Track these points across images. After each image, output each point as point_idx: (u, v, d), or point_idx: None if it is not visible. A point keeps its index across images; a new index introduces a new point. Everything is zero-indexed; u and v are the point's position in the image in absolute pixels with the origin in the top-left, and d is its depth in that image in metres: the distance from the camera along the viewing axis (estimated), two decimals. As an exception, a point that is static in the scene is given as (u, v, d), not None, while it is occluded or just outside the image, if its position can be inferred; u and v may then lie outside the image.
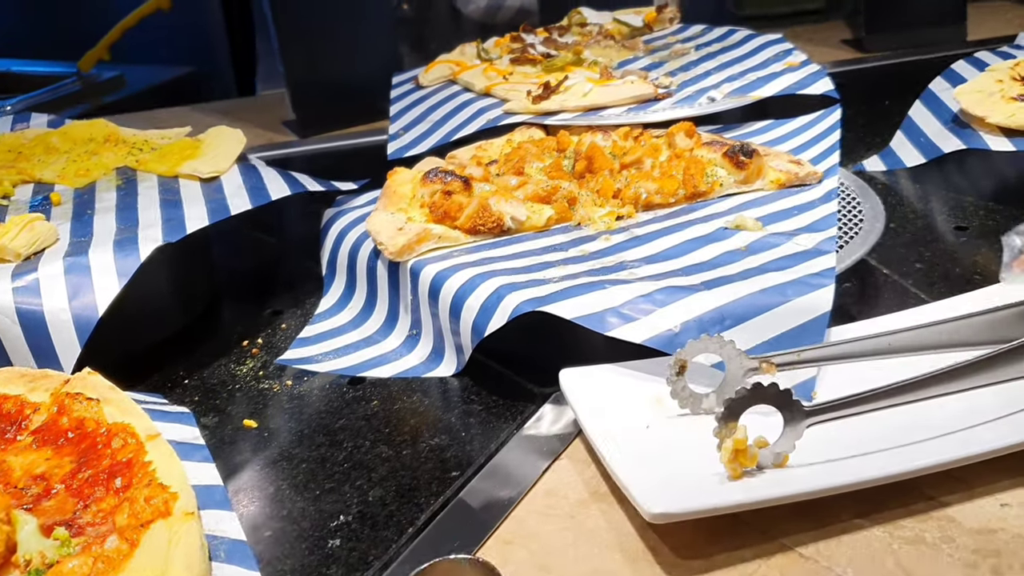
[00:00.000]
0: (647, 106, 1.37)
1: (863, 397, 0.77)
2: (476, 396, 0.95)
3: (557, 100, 1.38)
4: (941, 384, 0.79)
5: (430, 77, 1.61)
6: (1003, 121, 1.21)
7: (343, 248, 1.14)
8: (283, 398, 0.98)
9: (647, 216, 1.12)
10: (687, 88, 1.42)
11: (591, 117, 1.35)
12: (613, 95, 1.38)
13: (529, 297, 0.91)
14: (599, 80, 1.44)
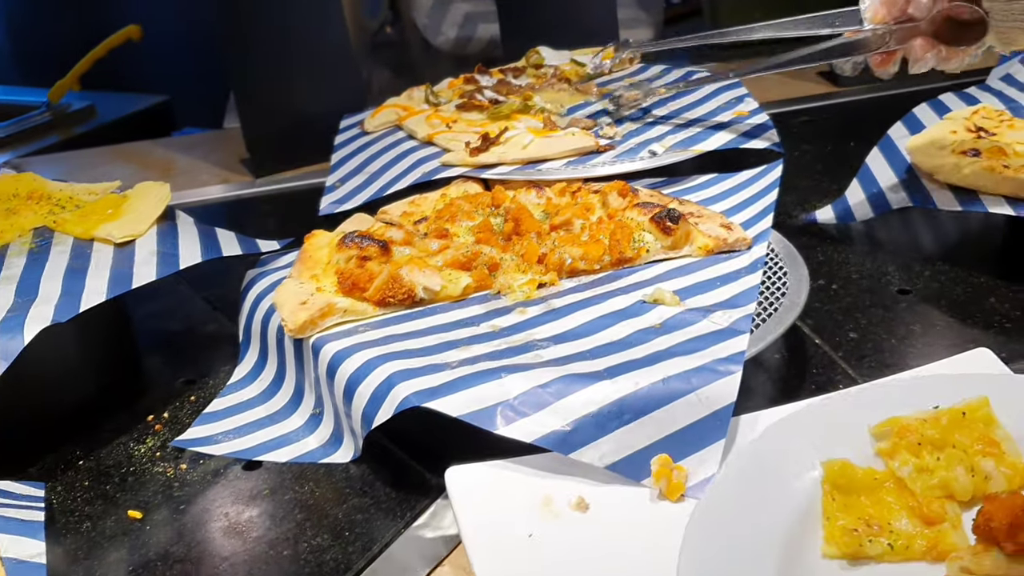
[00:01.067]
0: (588, 159, 1.33)
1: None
2: (368, 488, 0.91)
3: (496, 152, 1.34)
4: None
5: (375, 123, 1.57)
6: (950, 178, 1.16)
7: (257, 316, 1.10)
8: (174, 484, 0.94)
9: (570, 283, 1.07)
10: (631, 140, 1.38)
11: (529, 171, 1.31)
12: (553, 148, 1.34)
13: (419, 388, 0.86)
14: (542, 131, 1.39)
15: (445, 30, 2.21)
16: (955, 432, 0.76)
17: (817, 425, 0.80)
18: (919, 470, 0.75)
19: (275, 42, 1.69)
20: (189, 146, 1.98)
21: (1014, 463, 0.75)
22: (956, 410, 0.78)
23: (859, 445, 0.78)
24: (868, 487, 0.75)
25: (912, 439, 0.76)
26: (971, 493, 0.73)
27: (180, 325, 1.26)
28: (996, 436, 0.76)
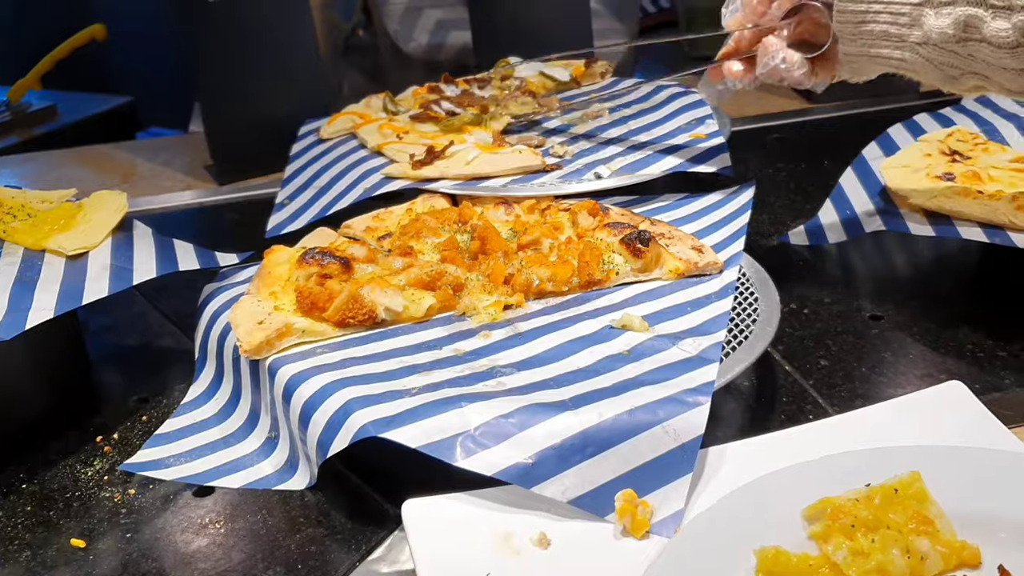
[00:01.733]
0: (532, 178, 1.30)
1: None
2: (324, 518, 0.87)
3: (439, 166, 1.31)
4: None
5: (331, 130, 1.53)
6: (924, 203, 1.14)
7: (213, 334, 1.07)
8: (121, 511, 0.90)
9: (537, 305, 1.05)
10: (580, 160, 1.34)
11: (472, 186, 1.28)
12: (497, 165, 1.31)
13: (376, 417, 0.83)
14: (490, 146, 1.36)
15: (417, 36, 2.17)
16: (888, 511, 0.74)
17: (747, 510, 0.77)
18: (854, 553, 0.72)
19: (241, 45, 1.65)
20: (152, 150, 1.93)
21: (949, 542, 0.73)
22: (888, 487, 0.76)
23: (791, 529, 0.75)
24: (803, 574, 0.71)
25: (845, 521, 0.73)
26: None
27: (135, 339, 1.22)
28: (930, 513, 0.74)
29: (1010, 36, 0.88)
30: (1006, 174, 1.19)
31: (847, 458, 0.81)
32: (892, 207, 1.20)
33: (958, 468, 0.78)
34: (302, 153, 1.52)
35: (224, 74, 1.65)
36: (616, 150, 1.36)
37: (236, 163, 1.71)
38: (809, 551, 0.74)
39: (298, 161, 1.50)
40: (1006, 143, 1.28)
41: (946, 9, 0.91)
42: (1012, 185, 1.16)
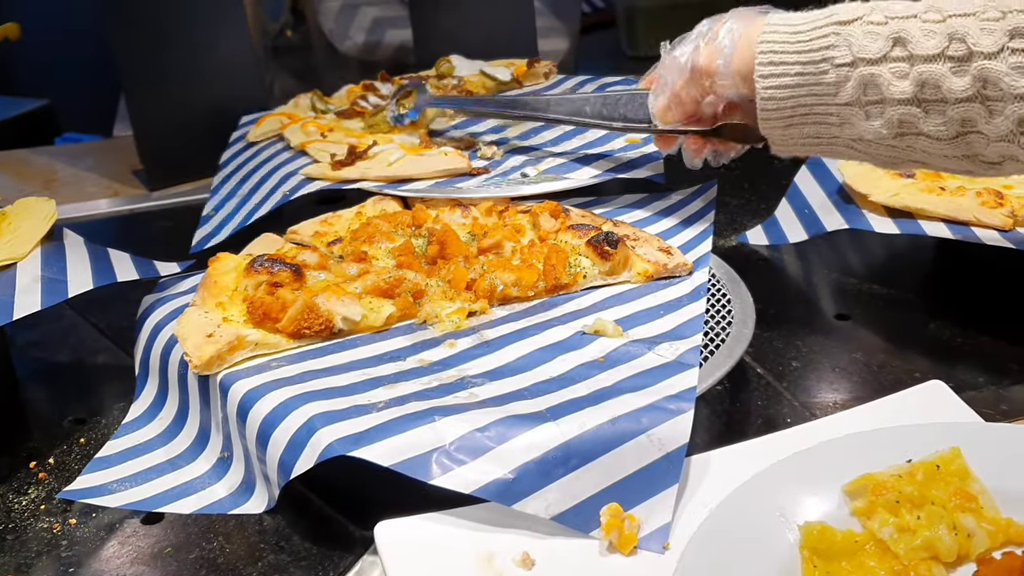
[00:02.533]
0: (456, 181, 1.25)
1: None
2: (286, 543, 0.82)
3: (360, 167, 1.26)
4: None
5: (259, 132, 1.46)
6: (886, 200, 1.12)
7: (155, 348, 1.00)
8: (62, 543, 0.83)
9: (503, 312, 1.00)
10: (508, 161, 1.30)
11: (394, 188, 1.23)
12: (421, 167, 1.26)
13: (344, 434, 0.78)
14: (416, 147, 1.31)
15: (353, 35, 2.11)
16: (932, 487, 0.72)
17: (787, 485, 0.75)
18: (900, 530, 0.70)
19: (170, 41, 1.57)
20: (74, 155, 1.84)
21: (994, 519, 0.71)
22: (930, 463, 0.74)
23: (833, 505, 0.73)
24: (849, 551, 0.69)
25: (889, 497, 0.72)
26: (955, 553, 0.69)
27: (67, 356, 1.15)
28: (972, 490, 0.72)
29: (947, 129, 0.86)
30: None
31: (883, 434, 0.80)
32: (852, 205, 1.18)
33: (995, 444, 0.77)
34: (230, 160, 1.46)
35: (153, 73, 1.57)
36: (547, 152, 1.32)
37: (167, 168, 1.63)
38: (853, 527, 0.72)
39: (226, 169, 1.44)
40: (964, 139, 1.27)
41: (876, 109, 0.88)
42: (971, 182, 1.15)
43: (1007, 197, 1.08)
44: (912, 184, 1.14)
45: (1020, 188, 1.11)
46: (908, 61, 0.86)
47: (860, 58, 0.88)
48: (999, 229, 1.05)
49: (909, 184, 1.14)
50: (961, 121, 0.85)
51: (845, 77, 0.89)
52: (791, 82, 0.92)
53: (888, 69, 0.87)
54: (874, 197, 1.14)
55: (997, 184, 1.12)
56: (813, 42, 0.90)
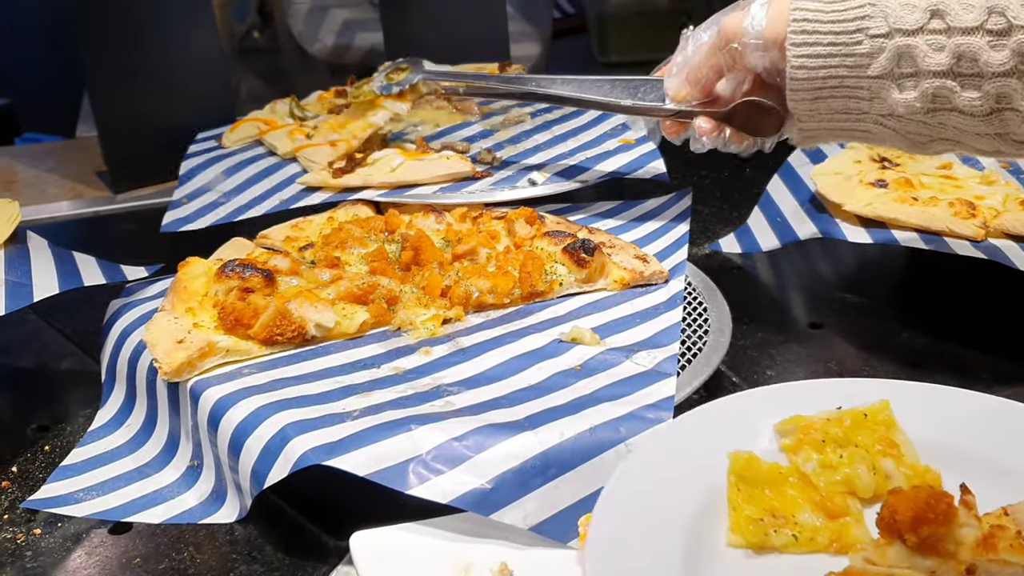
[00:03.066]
0: (462, 185, 1.24)
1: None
2: (259, 553, 0.80)
3: (361, 174, 1.24)
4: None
5: (235, 137, 1.44)
6: (859, 210, 1.12)
7: (123, 354, 0.98)
8: (27, 554, 0.81)
9: (478, 319, 0.99)
10: (510, 166, 1.29)
11: (399, 195, 1.22)
12: (425, 172, 1.24)
13: (318, 443, 0.77)
14: (414, 153, 1.30)
15: (322, 37, 2.09)
16: (857, 432, 0.77)
17: (723, 420, 0.80)
18: (823, 466, 0.75)
19: (136, 40, 1.55)
20: (35, 156, 1.80)
21: (913, 465, 0.75)
22: (859, 412, 0.79)
23: (764, 441, 0.78)
24: (773, 480, 0.74)
25: (816, 436, 0.76)
26: (872, 491, 0.74)
27: (29, 361, 1.12)
28: (896, 439, 0.77)
29: (983, 104, 0.84)
30: (936, 181, 1.18)
31: (821, 385, 0.85)
32: (825, 214, 1.18)
33: (925, 403, 0.81)
34: (201, 153, 1.43)
35: (119, 73, 1.54)
36: (546, 156, 1.31)
37: (132, 170, 1.60)
38: (780, 462, 0.76)
39: (196, 159, 1.41)
40: (933, 150, 1.28)
41: (909, 82, 0.86)
42: (944, 192, 1.15)
43: (979, 208, 1.09)
44: (885, 194, 1.14)
45: (991, 199, 1.12)
46: (946, 33, 0.83)
47: (896, 29, 0.85)
48: (971, 239, 1.05)
49: (882, 194, 1.14)
50: (997, 96, 0.83)
51: (880, 48, 0.86)
52: (823, 51, 0.89)
53: (924, 41, 0.84)
54: (848, 206, 1.14)
55: (969, 195, 1.12)
56: (848, 11, 0.88)
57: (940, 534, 0.66)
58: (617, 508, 0.71)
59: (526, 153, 1.33)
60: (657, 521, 0.70)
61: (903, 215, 1.10)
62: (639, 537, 0.69)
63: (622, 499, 0.72)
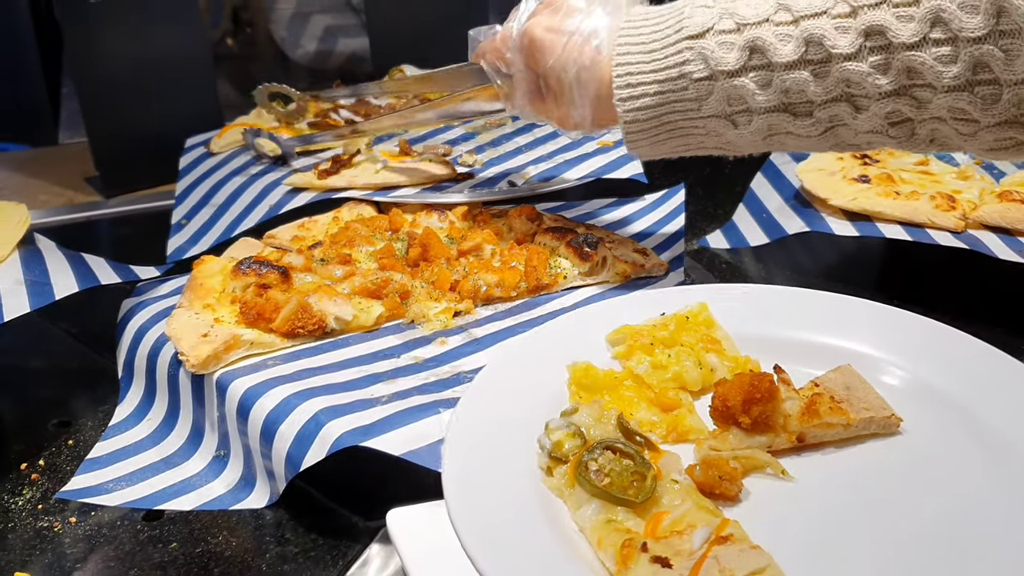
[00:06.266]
0: (444, 187, 1.28)
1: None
2: (292, 534, 0.83)
3: (346, 176, 1.28)
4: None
5: (222, 143, 1.47)
6: (845, 204, 1.18)
7: (141, 350, 1.00)
8: (65, 540, 0.83)
9: (487, 312, 1.03)
10: (490, 168, 1.33)
11: (382, 195, 1.26)
12: (407, 174, 1.29)
13: (352, 427, 0.80)
14: (396, 155, 1.33)
15: (304, 43, 2.11)
16: (681, 333, 0.85)
17: (561, 339, 0.86)
18: (654, 367, 0.82)
19: (128, 48, 1.57)
20: (21, 162, 1.82)
21: (735, 357, 0.84)
22: (681, 315, 0.87)
23: (598, 352, 0.85)
24: (609, 385, 0.81)
25: (645, 341, 0.84)
26: (700, 384, 0.82)
27: (41, 361, 1.14)
28: (716, 335, 0.86)
29: (816, 128, 0.88)
30: (915, 176, 1.24)
31: (642, 296, 0.94)
32: (811, 209, 1.23)
33: (737, 301, 0.91)
34: (192, 167, 1.46)
35: (108, 79, 1.56)
36: (525, 159, 1.35)
37: (123, 174, 1.62)
38: (615, 369, 0.83)
39: (189, 176, 1.44)
40: (909, 146, 1.33)
41: (743, 118, 0.89)
42: (923, 186, 1.21)
43: (958, 201, 1.14)
44: (869, 189, 1.19)
45: (969, 192, 1.17)
46: (768, 69, 0.85)
47: (719, 71, 0.87)
48: (951, 231, 1.11)
49: (866, 189, 1.19)
50: (829, 119, 0.86)
51: (707, 91, 0.88)
52: (651, 102, 0.91)
53: (750, 79, 0.86)
54: (833, 201, 1.19)
55: (949, 189, 1.18)
56: (668, 59, 0.89)
57: (768, 411, 0.73)
58: (474, 412, 0.75)
59: (507, 156, 1.37)
60: (506, 429, 0.74)
61: (887, 209, 1.15)
62: (492, 439, 0.73)
63: (478, 404, 0.77)
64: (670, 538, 0.64)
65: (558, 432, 0.72)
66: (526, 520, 0.67)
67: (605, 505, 0.66)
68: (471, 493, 0.68)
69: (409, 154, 1.37)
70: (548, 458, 0.71)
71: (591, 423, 0.73)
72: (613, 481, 0.67)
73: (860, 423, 0.75)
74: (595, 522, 0.66)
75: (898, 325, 0.88)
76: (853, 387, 0.77)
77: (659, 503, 0.67)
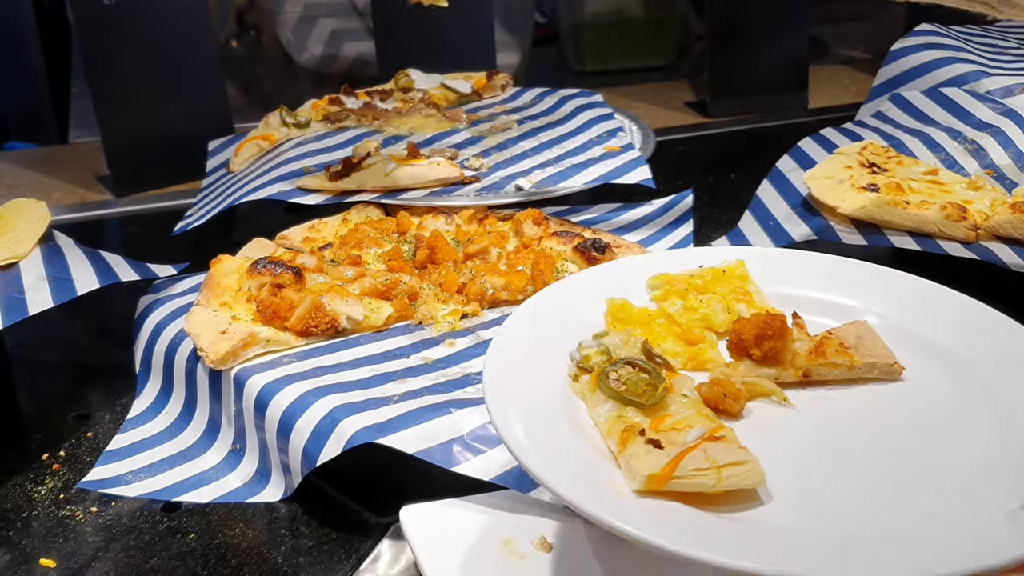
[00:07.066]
0: (452, 190, 1.30)
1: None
2: (306, 528, 0.85)
3: (356, 178, 1.30)
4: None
5: (240, 161, 1.48)
6: (854, 212, 1.19)
7: (159, 346, 1.03)
8: (87, 529, 0.86)
9: (494, 314, 1.05)
10: (497, 172, 1.35)
11: (391, 198, 1.28)
12: (417, 177, 1.31)
13: (367, 424, 0.82)
14: (405, 158, 1.36)
15: (310, 47, 2.14)
16: (716, 284, 0.88)
17: (604, 280, 0.89)
18: (686, 309, 0.85)
19: (140, 49, 1.59)
20: (35, 161, 1.85)
21: (763, 308, 0.86)
22: (718, 269, 0.90)
23: (638, 293, 0.87)
24: (643, 320, 0.84)
25: (680, 287, 0.87)
26: (727, 326, 0.84)
27: (60, 356, 1.17)
28: (748, 288, 0.88)
29: None
30: (924, 186, 1.24)
31: (687, 252, 0.98)
32: (819, 217, 1.24)
33: (775, 263, 0.93)
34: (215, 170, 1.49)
35: (123, 79, 1.59)
36: (533, 163, 1.37)
37: (134, 173, 1.64)
38: (650, 308, 0.86)
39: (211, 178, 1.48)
40: (915, 156, 1.35)
41: None
42: (933, 196, 1.21)
43: (970, 211, 1.15)
44: (878, 197, 1.20)
45: (980, 203, 1.18)
46: None
47: None
48: (962, 241, 1.12)
49: (875, 198, 1.20)
50: None
51: None
52: None
53: None
54: (842, 209, 1.20)
55: (959, 199, 1.19)
56: None
57: (778, 347, 0.77)
58: (517, 333, 0.78)
59: (513, 160, 1.39)
60: (546, 349, 0.77)
61: (897, 217, 1.16)
62: (533, 359, 0.76)
63: (522, 326, 0.79)
64: (668, 432, 0.68)
65: (588, 349, 0.76)
66: (551, 413, 0.71)
67: (618, 405, 0.71)
68: (507, 391, 0.71)
69: (417, 157, 1.39)
70: (576, 368, 0.75)
71: (619, 344, 0.77)
72: (628, 388, 0.72)
73: (863, 367, 0.78)
74: (608, 417, 0.70)
75: (934, 299, 0.89)
76: (863, 338, 0.81)
77: (666, 408, 0.71)
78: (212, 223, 1.34)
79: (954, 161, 1.32)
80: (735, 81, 1.96)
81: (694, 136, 1.87)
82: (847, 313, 0.86)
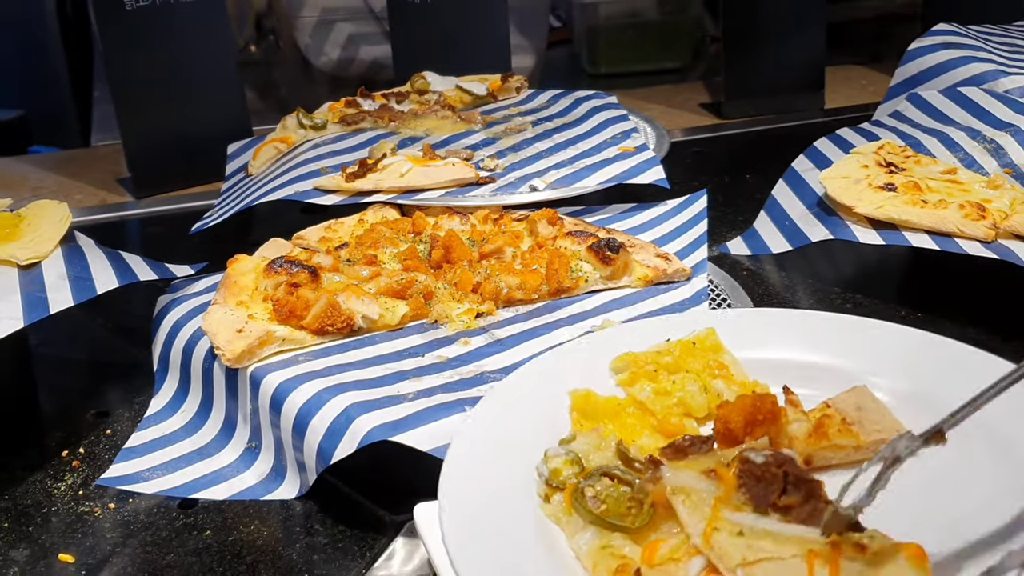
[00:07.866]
0: (467, 190, 1.31)
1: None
2: (321, 526, 0.86)
3: (372, 179, 1.31)
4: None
5: (259, 164, 1.49)
6: (871, 212, 1.19)
7: (176, 344, 1.04)
8: (105, 525, 0.87)
9: (508, 313, 1.06)
10: (512, 173, 1.36)
11: (407, 199, 1.29)
12: (432, 177, 1.32)
13: (382, 421, 0.83)
14: (421, 159, 1.36)
15: (328, 51, 2.15)
16: (687, 360, 0.82)
17: (564, 365, 0.84)
18: (657, 393, 0.79)
19: (162, 54, 1.61)
20: (57, 163, 1.87)
21: (742, 382, 0.80)
22: (687, 341, 0.84)
23: (601, 380, 0.82)
24: (611, 412, 0.78)
25: (649, 368, 0.81)
26: (707, 410, 0.78)
27: (80, 353, 1.18)
28: (724, 361, 0.82)
29: None
30: (942, 185, 1.23)
31: (647, 324, 0.90)
32: (835, 217, 1.24)
33: (746, 326, 0.88)
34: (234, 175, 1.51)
35: (143, 83, 1.60)
36: (547, 163, 1.38)
37: (154, 176, 1.66)
38: (618, 396, 0.80)
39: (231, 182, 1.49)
40: (932, 155, 1.35)
41: None
42: (951, 195, 1.20)
43: (989, 210, 1.14)
44: (895, 197, 1.19)
45: (1000, 202, 1.17)
46: None
47: None
48: (981, 241, 1.11)
49: (892, 197, 1.19)
50: None
51: None
52: None
53: None
54: (859, 209, 1.20)
55: (978, 198, 1.18)
56: None
57: (772, 432, 0.70)
58: (475, 442, 0.75)
59: (528, 160, 1.40)
60: (506, 460, 0.74)
61: (914, 217, 1.15)
62: (494, 468, 0.73)
63: (480, 434, 0.76)
64: (666, 565, 0.62)
65: (556, 460, 0.71)
66: (524, 547, 0.66)
67: (601, 531, 0.65)
68: (469, 522, 0.67)
69: (433, 158, 1.40)
70: (546, 486, 0.70)
71: (589, 450, 0.72)
72: (609, 507, 0.66)
73: (871, 445, 0.71)
74: (591, 548, 0.65)
75: (917, 347, 0.84)
76: (865, 408, 0.75)
77: (657, 529, 0.65)
78: (229, 224, 1.35)
79: (972, 160, 1.32)
80: (750, 83, 1.95)
81: (709, 137, 1.87)
82: (836, 376, 0.81)
